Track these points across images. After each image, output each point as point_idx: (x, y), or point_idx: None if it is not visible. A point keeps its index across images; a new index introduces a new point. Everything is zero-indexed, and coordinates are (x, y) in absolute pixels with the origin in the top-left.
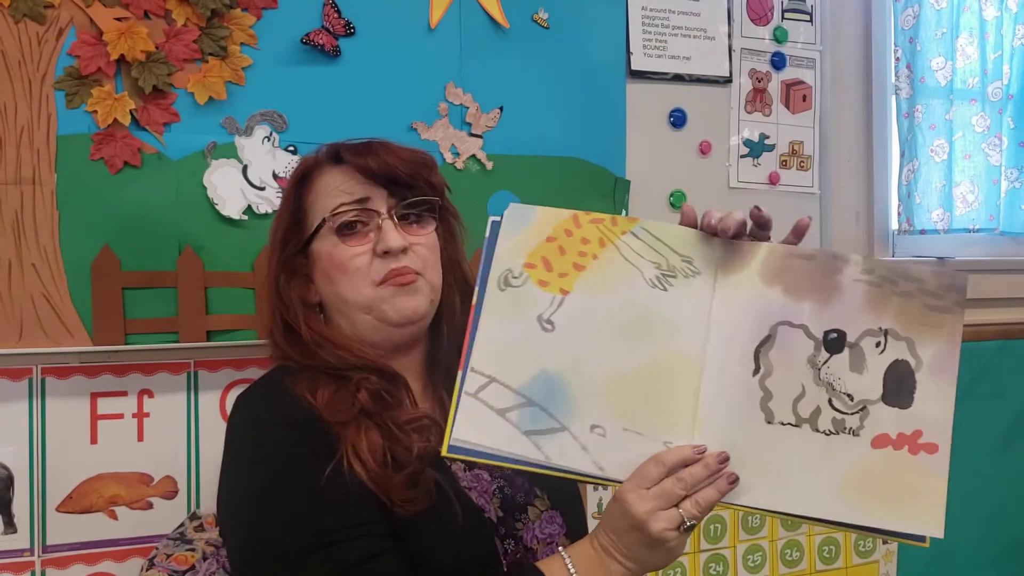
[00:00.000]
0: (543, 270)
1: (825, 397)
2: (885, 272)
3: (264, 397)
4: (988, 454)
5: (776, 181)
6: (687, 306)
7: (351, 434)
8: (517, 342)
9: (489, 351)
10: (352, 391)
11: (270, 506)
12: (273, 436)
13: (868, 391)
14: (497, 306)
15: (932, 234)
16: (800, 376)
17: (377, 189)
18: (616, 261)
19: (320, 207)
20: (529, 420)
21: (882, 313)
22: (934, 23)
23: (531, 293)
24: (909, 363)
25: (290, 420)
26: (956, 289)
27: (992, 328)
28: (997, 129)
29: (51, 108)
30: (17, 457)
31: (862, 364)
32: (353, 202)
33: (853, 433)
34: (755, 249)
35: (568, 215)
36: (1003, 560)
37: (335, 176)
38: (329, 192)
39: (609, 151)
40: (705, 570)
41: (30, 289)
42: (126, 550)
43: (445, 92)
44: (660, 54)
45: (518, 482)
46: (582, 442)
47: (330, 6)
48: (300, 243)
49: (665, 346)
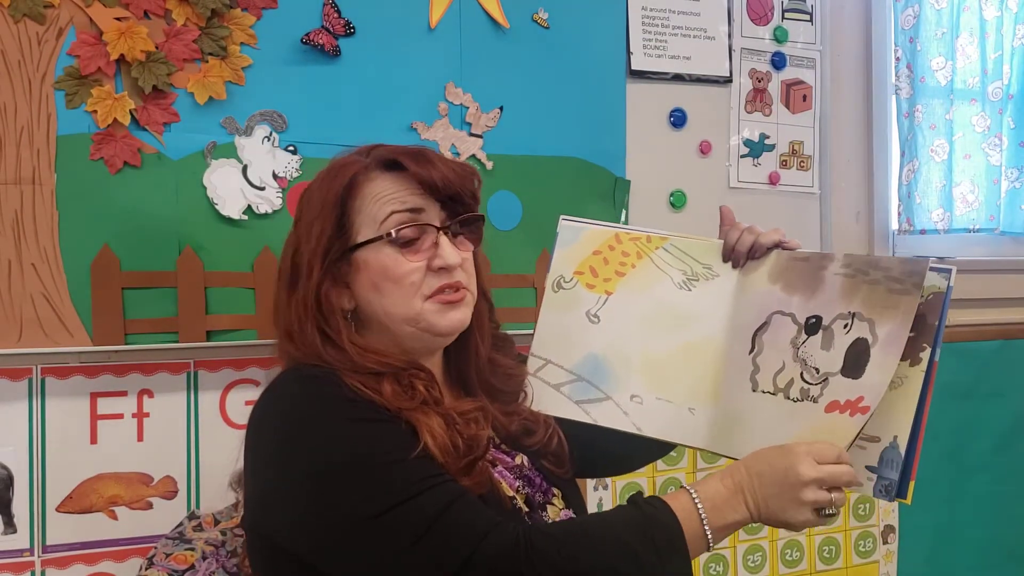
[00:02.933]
0: (590, 276)
1: (799, 371)
2: (860, 264)
3: (312, 381)
4: (988, 454)
5: (776, 181)
6: (708, 303)
7: (423, 418)
8: (569, 332)
9: (546, 339)
10: (408, 384)
11: (360, 468)
12: (336, 408)
13: (831, 365)
14: (552, 304)
15: (932, 234)
16: (783, 354)
17: (430, 201)
18: (650, 269)
19: (369, 214)
20: (580, 392)
21: (852, 299)
22: (934, 23)
23: (580, 294)
24: (867, 340)
25: (351, 398)
26: (916, 273)
27: (992, 328)
28: (997, 129)
29: (51, 108)
30: (17, 457)
31: (831, 343)
32: (405, 211)
33: (813, 400)
34: (766, 255)
35: (611, 233)
36: (1003, 560)
37: (385, 182)
38: (379, 199)
39: (609, 151)
40: (705, 570)
41: (30, 289)
42: (126, 550)
43: (445, 92)
44: (660, 54)
45: (536, 481)
46: (623, 408)
47: (330, 6)
48: (343, 249)
49: (689, 333)
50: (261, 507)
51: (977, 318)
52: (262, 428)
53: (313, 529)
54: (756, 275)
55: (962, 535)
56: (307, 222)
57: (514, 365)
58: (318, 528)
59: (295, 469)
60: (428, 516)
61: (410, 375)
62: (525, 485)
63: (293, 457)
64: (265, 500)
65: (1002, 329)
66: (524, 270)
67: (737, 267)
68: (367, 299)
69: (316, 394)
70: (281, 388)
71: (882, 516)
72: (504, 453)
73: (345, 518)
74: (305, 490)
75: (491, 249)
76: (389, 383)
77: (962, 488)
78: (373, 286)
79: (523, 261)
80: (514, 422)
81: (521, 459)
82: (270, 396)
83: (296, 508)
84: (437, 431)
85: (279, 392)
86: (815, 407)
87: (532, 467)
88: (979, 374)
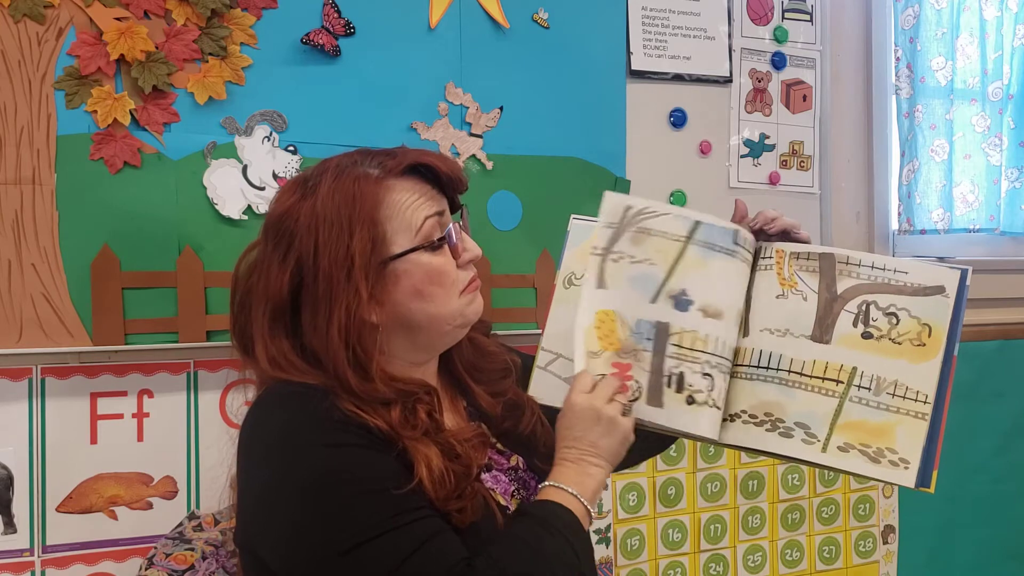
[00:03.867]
0: None
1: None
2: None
3: (302, 401)
4: (988, 454)
5: (776, 181)
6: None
7: (422, 448)
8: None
9: (556, 334)
10: (412, 410)
11: (339, 495)
12: (326, 432)
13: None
14: (563, 299)
15: (932, 234)
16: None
17: (443, 197)
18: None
19: (403, 222)
20: None
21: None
22: (934, 23)
23: None
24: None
25: (341, 419)
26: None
27: (992, 328)
28: (997, 129)
29: (51, 108)
30: (17, 457)
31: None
32: (435, 214)
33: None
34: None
35: None
36: (1003, 560)
37: (405, 187)
38: (409, 206)
39: (609, 151)
40: (705, 570)
41: (30, 289)
42: (126, 550)
43: (445, 92)
44: (660, 54)
45: (532, 484)
46: None
47: (330, 6)
48: (379, 263)
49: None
50: (249, 528)
51: (977, 318)
52: (252, 451)
53: (290, 555)
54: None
55: (962, 535)
56: (326, 242)
57: (493, 343)
58: (295, 554)
59: (280, 500)
60: (402, 553)
61: (416, 400)
62: (520, 488)
63: (278, 488)
64: (250, 523)
65: (1002, 329)
66: (524, 270)
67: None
68: (407, 308)
69: (307, 417)
70: (272, 409)
71: (882, 516)
72: (499, 454)
73: (321, 547)
74: (287, 517)
75: (491, 249)
76: (396, 409)
77: (962, 488)
78: (416, 293)
79: (523, 261)
80: (499, 403)
81: (516, 460)
82: (261, 416)
83: (278, 534)
84: (434, 462)
85: (270, 412)
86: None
87: (527, 469)
88: (979, 374)
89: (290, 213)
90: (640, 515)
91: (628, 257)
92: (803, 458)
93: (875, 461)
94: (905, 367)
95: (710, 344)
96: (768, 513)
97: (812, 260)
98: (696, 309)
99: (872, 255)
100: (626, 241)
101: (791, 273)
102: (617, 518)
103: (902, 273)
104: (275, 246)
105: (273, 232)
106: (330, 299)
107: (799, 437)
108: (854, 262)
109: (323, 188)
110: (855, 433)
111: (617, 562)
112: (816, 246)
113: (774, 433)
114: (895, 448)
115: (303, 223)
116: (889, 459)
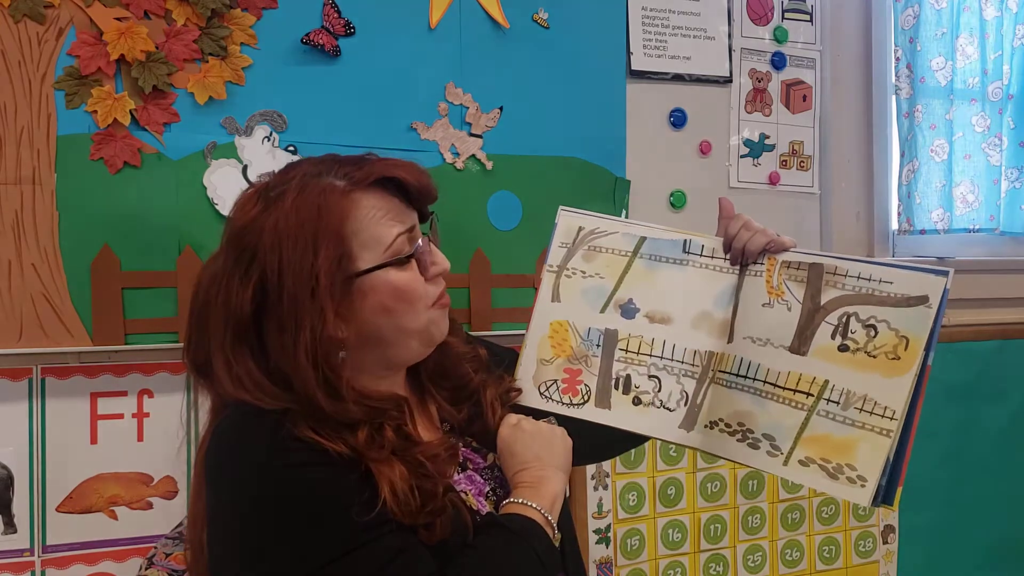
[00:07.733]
0: None
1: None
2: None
3: (262, 427)
4: (988, 454)
5: (776, 181)
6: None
7: (386, 470)
8: None
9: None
10: (378, 429)
11: (305, 516)
12: (287, 454)
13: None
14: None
15: (932, 234)
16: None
17: (412, 210)
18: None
19: (371, 237)
20: None
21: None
22: (934, 23)
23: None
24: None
25: (303, 442)
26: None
27: (992, 328)
28: (997, 129)
29: (51, 108)
30: (17, 457)
31: None
32: (405, 232)
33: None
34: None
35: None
36: (1003, 560)
37: (372, 202)
38: (378, 221)
39: (609, 151)
40: (705, 570)
41: (30, 289)
42: (126, 550)
43: (445, 92)
44: (660, 54)
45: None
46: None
47: (330, 6)
48: (345, 278)
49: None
50: (222, 559)
51: (977, 318)
52: (217, 482)
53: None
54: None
55: (962, 535)
56: (290, 260)
57: (459, 342)
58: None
59: (246, 526)
60: (370, 571)
61: (385, 417)
62: (497, 487)
63: (246, 515)
64: (216, 548)
65: (1002, 329)
66: (524, 270)
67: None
68: (374, 323)
69: (267, 441)
70: (230, 436)
71: (882, 516)
72: (475, 452)
73: (290, 569)
74: (255, 543)
75: (491, 249)
76: (363, 431)
77: (962, 488)
78: (384, 309)
79: (523, 261)
80: (464, 409)
81: (492, 458)
82: (222, 444)
83: (246, 561)
84: (398, 484)
85: (230, 440)
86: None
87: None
88: (979, 374)
89: (252, 227)
90: (640, 515)
91: (580, 273)
92: (766, 470)
93: (833, 477)
94: (877, 381)
95: (656, 347)
96: (768, 513)
97: (801, 270)
98: (642, 316)
99: (860, 264)
100: (578, 259)
101: (779, 282)
102: (617, 518)
103: (887, 283)
104: (236, 260)
105: (235, 246)
106: (296, 319)
107: (764, 449)
108: (841, 272)
109: (287, 200)
110: (817, 447)
111: (617, 562)
112: (808, 255)
113: (744, 444)
114: (855, 465)
115: (266, 239)
116: (847, 475)
